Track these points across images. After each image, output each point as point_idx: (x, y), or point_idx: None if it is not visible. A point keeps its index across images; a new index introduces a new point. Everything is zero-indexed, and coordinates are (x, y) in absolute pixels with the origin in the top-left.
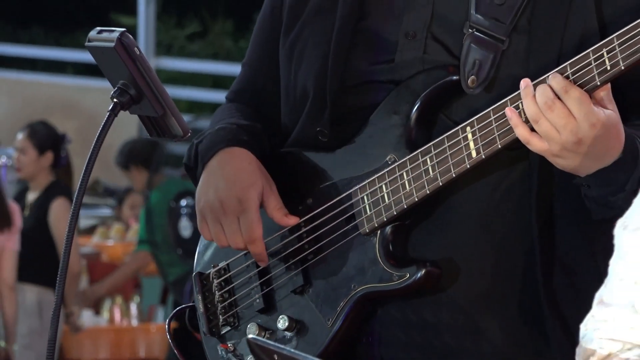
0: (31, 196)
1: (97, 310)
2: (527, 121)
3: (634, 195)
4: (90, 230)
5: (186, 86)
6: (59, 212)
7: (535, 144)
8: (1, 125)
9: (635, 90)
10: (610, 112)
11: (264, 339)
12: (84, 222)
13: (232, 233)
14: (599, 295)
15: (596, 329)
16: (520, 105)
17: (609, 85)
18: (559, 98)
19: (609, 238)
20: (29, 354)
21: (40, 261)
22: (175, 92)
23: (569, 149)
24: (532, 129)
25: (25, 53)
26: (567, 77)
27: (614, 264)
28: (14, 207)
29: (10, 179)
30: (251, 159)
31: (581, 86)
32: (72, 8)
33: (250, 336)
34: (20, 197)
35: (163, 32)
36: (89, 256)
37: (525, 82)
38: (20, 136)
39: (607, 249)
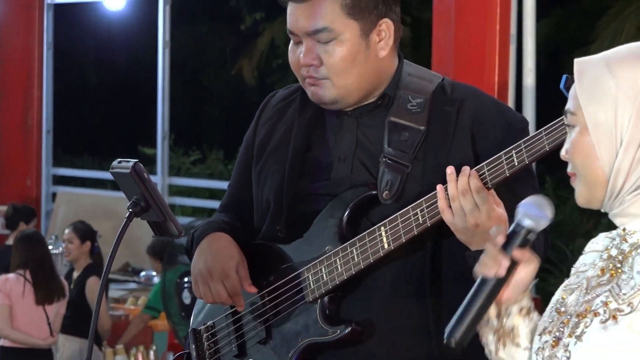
0: (75, 274)
1: (128, 356)
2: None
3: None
4: (123, 299)
5: (190, 197)
6: (92, 286)
7: (447, 216)
8: (60, 226)
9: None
10: (502, 211)
11: None
12: (118, 292)
13: (217, 292)
14: None
15: None
16: (418, 212)
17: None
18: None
19: None
20: None
21: (80, 320)
22: (182, 201)
23: (468, 229)
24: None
25: (78, 174)
26: (484, 173)
27: None
28: (65, 283)
29: (65, 263)
30: (230, 241)
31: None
32: (111, 142)
33: None
34: (68, 275)
35: (174, 159)
36: (121, 317)
37: (450, 169)
38: (67, 230)
39: None
